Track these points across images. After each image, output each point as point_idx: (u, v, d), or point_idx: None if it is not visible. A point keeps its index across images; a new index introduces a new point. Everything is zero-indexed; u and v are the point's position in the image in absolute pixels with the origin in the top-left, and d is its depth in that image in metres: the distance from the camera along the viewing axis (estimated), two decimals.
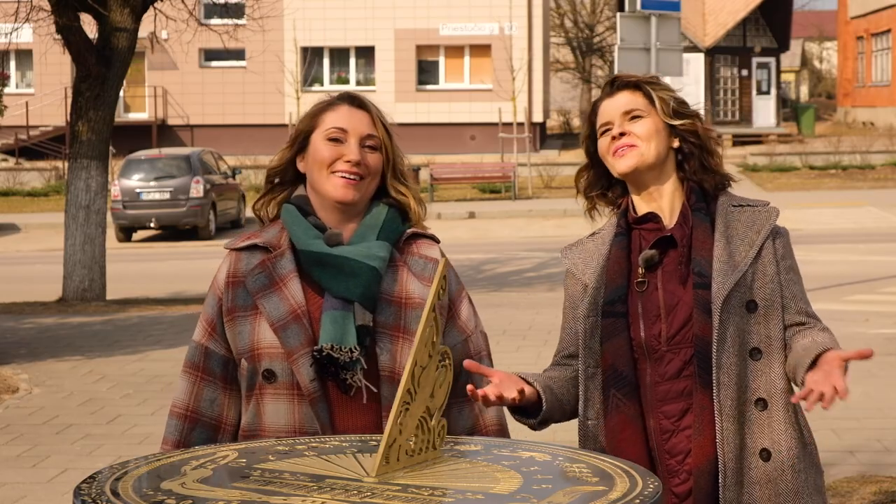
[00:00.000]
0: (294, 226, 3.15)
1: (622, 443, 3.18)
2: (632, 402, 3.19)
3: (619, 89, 3.31)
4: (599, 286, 3.26)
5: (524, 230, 25.58)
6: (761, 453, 3.14)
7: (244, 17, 21.54)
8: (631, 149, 3.24)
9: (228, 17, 23.93)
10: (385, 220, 3.17)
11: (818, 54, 74.96)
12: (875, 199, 28.70)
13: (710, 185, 3.29)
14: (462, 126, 41.95)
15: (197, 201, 25.40)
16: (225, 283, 3.17)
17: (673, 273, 3.20)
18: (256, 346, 3.08)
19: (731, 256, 3.18)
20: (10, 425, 9.06)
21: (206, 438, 3.15)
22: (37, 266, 20.95)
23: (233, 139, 41.49)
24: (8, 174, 35.85)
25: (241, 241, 3.21)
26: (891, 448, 7.92)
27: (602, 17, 54.51)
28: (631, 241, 3.29)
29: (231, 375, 3.17)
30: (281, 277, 3.11)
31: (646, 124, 3.25)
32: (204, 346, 3.18)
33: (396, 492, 2.42)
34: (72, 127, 15.67)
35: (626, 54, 14.92)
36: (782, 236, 3.27)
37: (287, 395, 3.06)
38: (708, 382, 3.11)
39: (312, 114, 3.22)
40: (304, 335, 3.05)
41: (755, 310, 3.17)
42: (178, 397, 3.20)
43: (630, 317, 3.21)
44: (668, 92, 3.32)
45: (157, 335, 12.79)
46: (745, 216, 3.25)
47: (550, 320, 13.30)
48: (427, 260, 3.18)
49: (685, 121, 3.27)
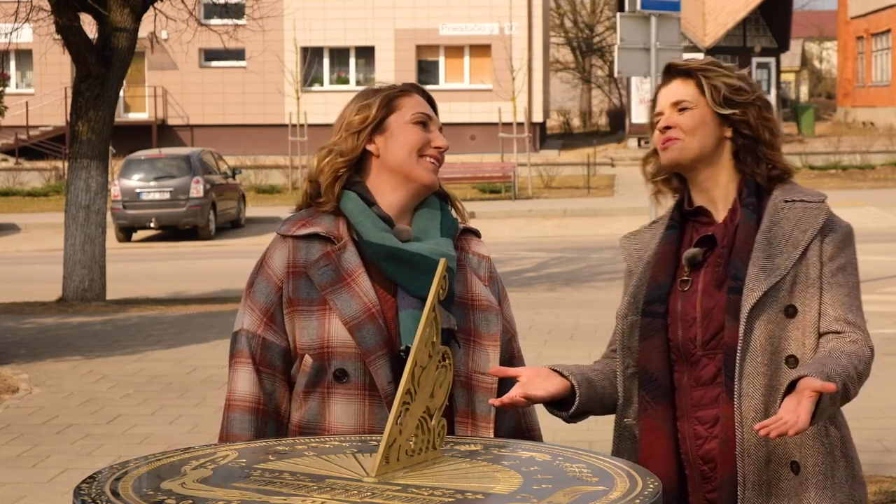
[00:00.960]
0: (361, 216, 3.06)
1: (648, 446, 3.12)
2: (660, 405, 3.11)
3: (673, 77, 3.21)
4: (642, 284, 3.18)
5: (524, 230, 25.58)
6: (792, 465, 3.03)
7: (244, 17, 21.54)
8: (674, 142, 3.15)
9: (228, 17, 23.93)
10: (443, 213, 3.15)
11: (818, 54, 74.96)
12: (875, 199, 28.70)
13: (763, 178, 3.15)
14: (462, 126, 41.94)
15: (197, 201, 25.40)
16: (285, 272, 3.03)
17: (713, 274, 3.11)
18: (327, 344, 2.99)
19: (770, 258, 3.05)
20: (10, 425, 9.06)
21: (276, 433, 3.05)
22: (37, 266, 20.95)
23: (233, 139, 41.48)
24: (8, 174, 35.85)
25: (298, 229, 3.07)
26: (891, 448, 7.92)
27: (602, 17, 54.54)
28: (683, 234, 3.19)
29: (289, 368, 3.06)
30: (348, 272, 3.02)
31: (692, 116, 3.14)
32: (261, 336, 3.04)
33: (396, 492, 2.42)
34: (72, 127, 15.67)
35: (626, 54, 14.92)
36: (835, 235, 3.09)
37: (359, 396, 2.99)
38: (733, 391, 3.02)
39: (388, 97, 3.12)
40: (380, 335, 2.98)
41: (794, 315, 3.04)
42: (241, 389, 3.04)
43: (669, 317, 3.12)
44: (724, 78, 3.16)
45: (157, 335, 12.79)
46: (794, 213, 3.10)
47: (550, 320, 13.32)
48: (481, 258, 3.18)
49: (735, 110, 3.14)
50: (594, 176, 33.74)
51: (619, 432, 3.20)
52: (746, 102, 3.14)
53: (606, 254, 20.46)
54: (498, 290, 3.19)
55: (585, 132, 52.78)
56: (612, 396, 3.20)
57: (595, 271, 18.53)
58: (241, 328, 3.07)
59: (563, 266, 19.24)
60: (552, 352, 11.27)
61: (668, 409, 3.11)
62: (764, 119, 3.16)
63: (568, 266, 19.22)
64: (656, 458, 3.08)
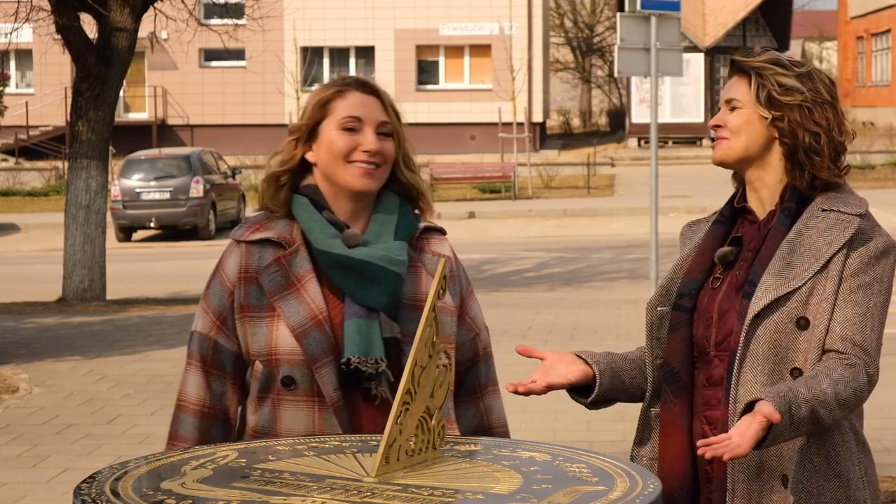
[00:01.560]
0: (310, 222, 3.04)
1: (665, 439, 3.11)
2: (679, 400, 3.09)
3: (733, 73, 3.14)
4: (676, 276, 3.16)
5: (524, 230, 25.57)
6: (783, 479, 2.99)
7: (244, 17, 21.53)
8: (721, 141, 3.11)
9: (228, 17, 23.93)
10: (399, 213, 3.09)
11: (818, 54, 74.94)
12: (875, 199, 28.50)
13: (802, 184, 3.06)
14: (462, 126, 41.94)
15: (197, 201, 25.39)
16: (237, 277, 3.04)
17: (736, 276, 3.08)
18: (274, 351, 2.98)
19: (788, 267, 2.98)
20: (10, 425, 9.05)
21: (223, 434, 3.08)
22: (37, 266, 20.94)
23: (233, 139, 41.47)
24: (8, 174, 35.85)
25: (251, 233, 3.07)
26: (891, 448, 7.92)
27: (602, 17, 54.54)
28: (731, 230, 3.16)
29: (239, 373, 3.07)
30: (298, 278, 3.01)
31: (739, 116, 3.08)
32: (213, 339, 3.06)
33: (396, 492, 2.42)
34: (72, 127, 15.66)
35: (626, 54, 14.91)
36: (864, 250, 3.01)
37: (307, 402, 2.98)
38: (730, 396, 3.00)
39: (321, 102, 3.09)
40: (326, 342, 2.96)
41: (806, 327, 2.96)
42: (189, 392, 3.08)
43: (696, 313, 3.10)
44: (779, 76, 3.06)
45: (157, 335, 12.79)
46: (825, 224, 3.01)
47: (550, 320, 13.32)
48: (441, 257, 3.11)
49: (776, 112, 3.05)
50: (594, 176, 33.73)
51: (644, 422, 3.19)
52: (791, 104, 3.05)
53: (606, 254, 20.46)
54: (460, 289, 3.15)
55: (585, 132, 52.77)
56: (640, 386, 3.18)
57: (595, 271, 18.52)
58: (194, 330, 3.11)
59: (563, 266, 19.23)
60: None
61: (686, 404, 3.10)
62: (811, 122, 3.05)
63: (568, 266, 19.21)
64: (672, 453, 3.09)
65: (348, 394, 2.98)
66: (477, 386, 3.18)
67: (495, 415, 3.18)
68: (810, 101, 3.05)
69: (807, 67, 3.11)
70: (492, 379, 3.21)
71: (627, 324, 12.72)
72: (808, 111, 3.05)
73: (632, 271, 18.07)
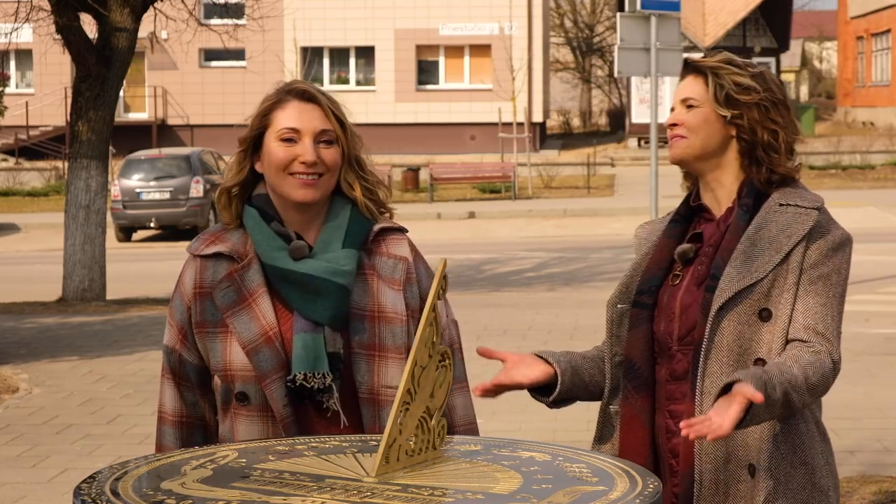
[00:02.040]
0: (258, 235, 3.02)
1: (627, 434, 3.15)
2: (641, 395, 3.13)
3: (687, 73, 3.20)
4: (636, 274, 3.20)
5: (524, 230, 25.57)
6: (749, 468, 3.03)
7: (244, 17, 21.53)
8: (678, 140, 3.15)
9: (228, 17, 23.93)
10: (350, 219, 3.05)
11: (818, 54, 74.95)
12: (875, 199, 28.70)
13: (759, 180, 3.13)
14: (462, 126, 41.94)
15: (197, 201, 25.40)
16: (192, 293, 3.04)
17: (697, 271, 3.13)
18: (228, 367, 2.99)
19: (749, 261, 3.03)
20: (10, 425, 9.06)
21: (205, 439, 3.10)
22: (37, 266, 20.94)
23: (233, 139, 40.59)
24: (8, 174, 35.85)
25: (206, 247, 3.07)
26: (891, 448, 7.92)
27: (602, 17, 54.54)
28: (688, 228, 3.20)
29: (206, 383, 3.09)
30: (250, 292, 3.00)
31: (697, 115, 3.13)
32: (178, 352, 3.09)
33: (396, 492, 2.42)
34: (72, 127, 15.66)
35: (626, 54, 14.92)
36: (822, 242, 3.07)
37: (261, 417, 2.99)
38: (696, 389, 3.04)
39: (262, 113, 3.07)
40: (276, 359, 2.95)
41: (769, 319, 3.02)
42: (166, 404, 3.12)
43: (656, 310, 3.14)
44: (734, 76, 3.12)
45: (157, 335, 12.78)
46: (783, 217, 3.08)
47: (550, 320, 13.31)
48: (397, 260, 3.07)
49: (735, 111, 3.11)
50: (594, 176, 33.73)
51: (603, 419, 3.23)
52: (749, 103, 3.11)
53: (606, 254, 20.45)
54: (419, 289, 3.09)
55: (585, 132, 52.77)
56: (599, 384, 3.22)
57: (595, 271, 18.52)
58: (164, 342, 3.14)
59: (563, 266, 19.23)
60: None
61: (647, 400, 3.14)
62: (768, 120, 3.12)
63: (568, 266, 19.21)
64: (633, 448, 3.11)
65: (301, 408, 2.98)
66: None
67: (459, 412, 3.13)
68: (767, 100, 3.12)
69: (759, 68, 3.17)
70: (457, 376, 3.10)
71: None
72: (765, 109, 3.12)
73: None
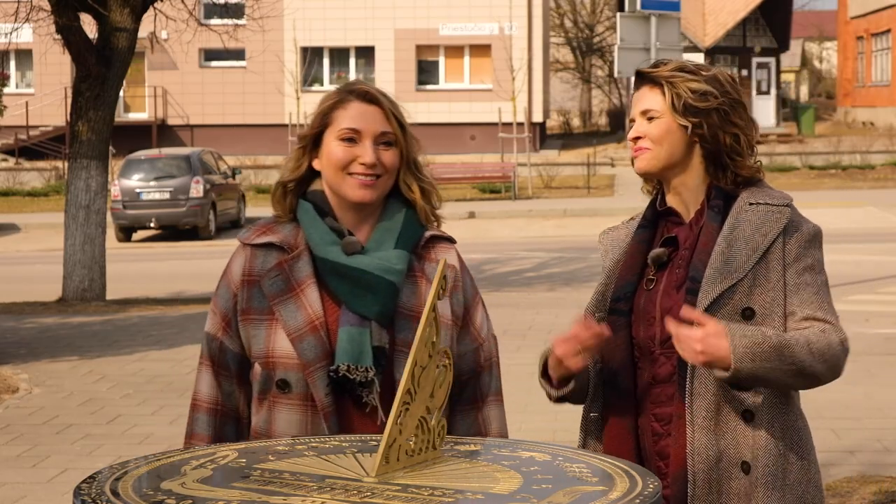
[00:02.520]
0: (311, 228, 3.07)
1: (611, 441, 3.17)
2: (622, 401, 3.15)
3: (642, 84, 3.21)
4: (610, 281, 3.22)
5: (524, 230, 25.58)
6: (742, 465, 3.05)
7: (244, 17, 21.54)
8: (643, 152, 3.17)
9: (228, 17, 23.95)
10: (403, 222, 3.10)
11: (818, 54, 74.94)
12: (875, 199, 28.71)
13: (726, 183, 3.16)
14: (462, 126, 41.94)
15: (197, 201, 25.40)
16: (241, 280, 3.08)
17: (674, 275, 3.14)
18: (271, 354, 3.02)
19: (728, 261, 3.05)
20: (10, 425, 9.05)
21: (237, 432, 3.12)
22: (37, 266, 20.94)
23: (233, 139, 41.47)
24: (8, 174, 35.85)
25: (257, 237, 3.11)
26: (891, 448, 7.92)
27: (602, 17, 54.53)
28: (656, 233, 3.22)
29: (244, 373, 3.11)
30: (298, 282, 3.04)
31: (659, 126, 3.15)
32: (220, 340, 3.11)
33: (396, 492, 2.42)
34: (72, 127, 15.67)
35: (626, 54, 14.92)
36: (799, 236, 3.11)
37: (301, 406, 3.01)
38: (685, 390, 3.06)
39: (323, 112, 3.11)
40: (321, 348, 2.99)
41: (752, 317, 3.05)
42: (202, 391, 3.13)
43: (633, 315, 3.16)
44: (690, 83, 3.14)
45: (157, 335, 12.79)
46: (756, 217, 3.11)
47: (550, 320, 13.31)
48: (441, 258, 3.10)
49: (695, 118, 3.12)
50: (594, 176, 33.74)
51: (585, 426, 3.25)
52: (708, 109, 3.12)
53: None
54: (465, 299, 3.15)
55: (585, 132, 52.77)
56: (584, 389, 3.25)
57: (595, 271, 18.47)
58: (205, 331, 3.15)
59: (563, 266, 19.23)
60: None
61: (629, 405, 3.16)
62: (728, 124, 3.14)
63: (568, 266, 19.21)
64: (618, 453, 3.10)
65: (340, 400, 3.01)
66: (478, 396, 3.17)
67: (495, 425, 3.17)
68: (725, 103, 3.14)
69: (712, 71, 3.19)
70: (494, 389, 3.19)
71: None
72: (724, 113, 3.14)
73: None
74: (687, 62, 3.22)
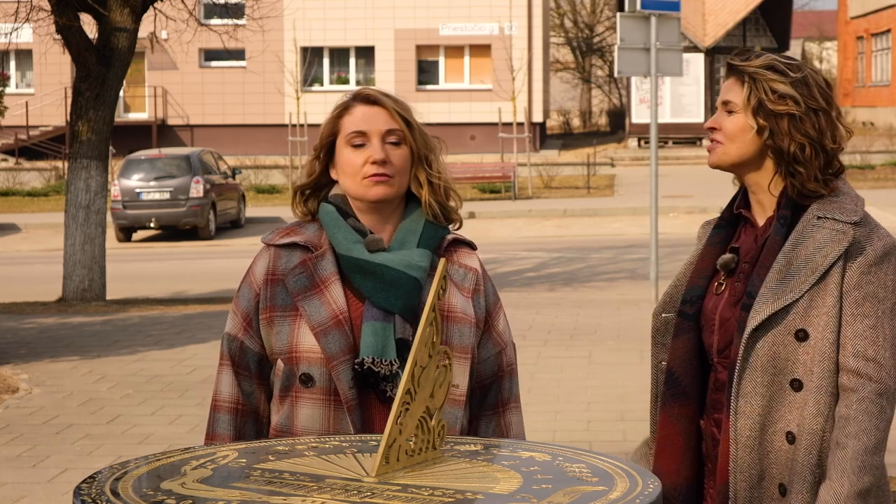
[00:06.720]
0: (334, 228, 3.12)
1: (662, 440, 3.17)
2: (678, 403, 3.14)
3: (730, 74, 3.10)
4: (680, 283, 3.18)
5: (524, 230, 25.58)
6: (780, 487, 3.01)
7: (244, 17, 21.53)
8: (716, 145, 3.10)
9: (228, 17, 23.91)
10: (425, 223, 3.15)
11: (818, 54, 74.94)
12: (875, 199, 28.70)
13: (793, 192, 3.03)
14: (462, 126, 41.93)
15: (197, 201, 25.40)
16: (264, 279, 3.12)
17: (734, 287, 3.08)
18: (295, 349, 3.06)
19: (784, 280, 2.95)
20: (10, 425, 9.05)
21: (256, 432, 3.15)
22: (37, 266, 20.94)
23: (233, 139, 41.47)
24: (8, 174, 35.85)
25: (281, 238, 3.16)
26: (891, 448, 7.90)
27: (602, 17, 54.55)
28: (733, 234, 3.15)
29: (264, 373, 3.14)
30: (322, 280, 3.08)
31: (734, 121, 3.06)
32: (241, 340, 3.14)
33: (396, 492, 2.42)
34: (72, 127, 15.66)
35: (625, 54, 14.90)
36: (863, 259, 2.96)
37: (324, 401, 3.04)
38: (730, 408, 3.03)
39: (331, 120, 3.18)
40: (345, 342, 3.03)
41: (805, 339, 2.95)
42: (223, 391, 3.16)
43: (702, 318, 3.12)
44: (774, 83, 3.01)
45: (157, 335, 12.79)
46: (820, 234, 2.97)
47: (550, 320, 13.31)
48: (467, 269, 3.17)
49: (765, 122, 3.02)
50: (594, 176, 33.74)
51: (652, 422, 3.26)
52: (780, 113, 3.01)
53: (606, 254, 20.46)
54: (486, 303, 3.20)
55: (585, 132, 52.78)
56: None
57: (595, 271, 18.52)
58: (225, 331, 3.19)
59: (563, 266, 19.23)
60: (552, 352, 11.25)
61: (685, 407, 3.14)
62: (798, 133, 3.01)
63: (568, 266, 19.21)
64: (667, 454, 3.13)
65: (364, 394, 3.05)
66: (500, 401, 3.22)
67: (514, 430, 3.22)
68: (802, 109, 3.01)
69: (803, 72, 3.05)
70: (514, 395, 3.25)
71: (627, 324, 12.72)
72: (799, 120, 3.01)
73: (632, 271, 18.08)
74: (780, 60, 3.07)
